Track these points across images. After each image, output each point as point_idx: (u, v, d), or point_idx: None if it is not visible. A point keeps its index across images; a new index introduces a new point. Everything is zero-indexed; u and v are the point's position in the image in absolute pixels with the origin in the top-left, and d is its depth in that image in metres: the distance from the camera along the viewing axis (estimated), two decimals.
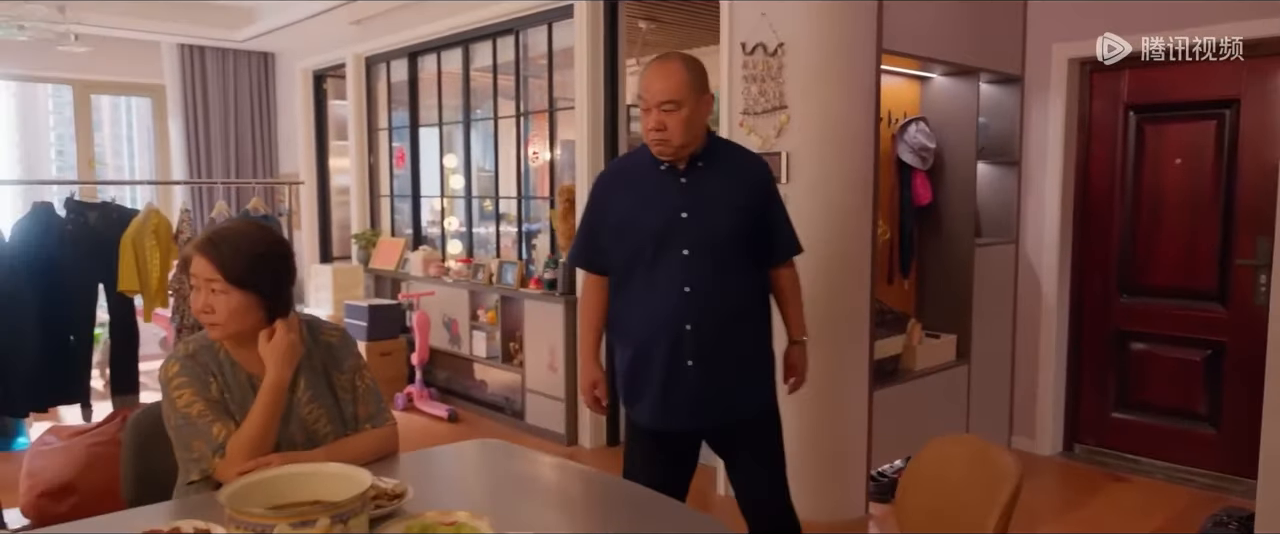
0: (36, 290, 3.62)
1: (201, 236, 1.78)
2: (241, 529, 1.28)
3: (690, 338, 2.22)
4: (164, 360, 1.80)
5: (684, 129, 2.16)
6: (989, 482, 1.72)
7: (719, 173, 2.28)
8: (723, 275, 2.25)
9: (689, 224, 2.22)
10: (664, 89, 2.14)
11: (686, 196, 2.23)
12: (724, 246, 2.25)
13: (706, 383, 2.26)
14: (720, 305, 2.25)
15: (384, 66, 6.04)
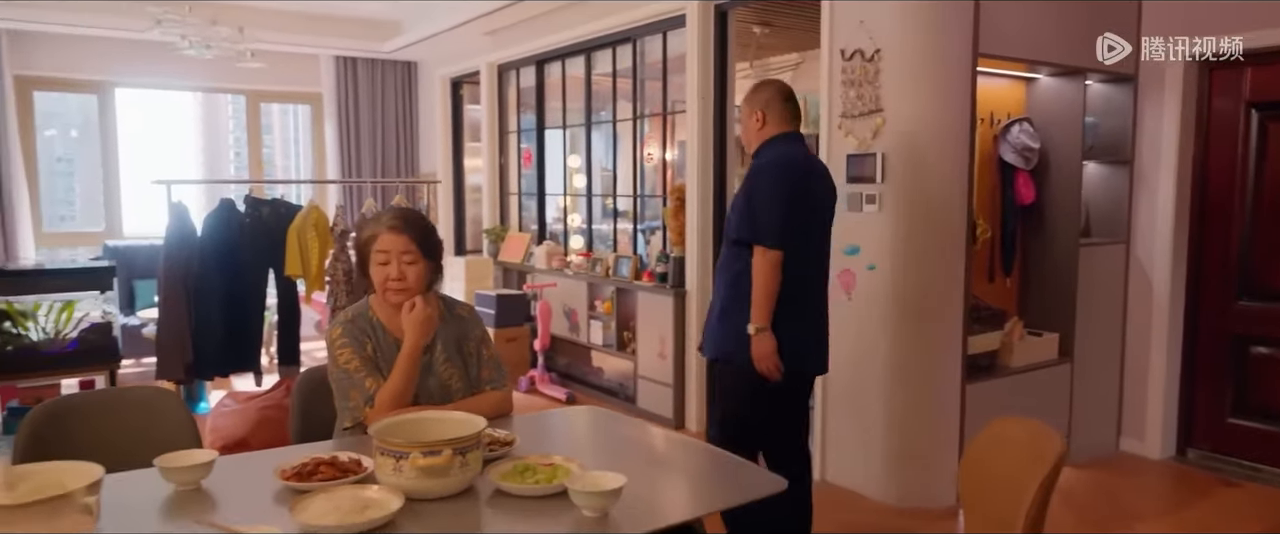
0: (221, 274, 4.22)
1: (391, 219, 2.15)
2: (385, 456, 1.63)
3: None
4: (329, 325, 2.20)
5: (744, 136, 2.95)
6: (1034, 459, 1.87)
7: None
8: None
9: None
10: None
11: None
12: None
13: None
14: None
15: (514, 73, 6.49)
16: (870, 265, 3.60)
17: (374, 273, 2.15)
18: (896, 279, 3.53)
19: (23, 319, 3.58)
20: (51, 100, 6.90)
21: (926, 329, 3.52)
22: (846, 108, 3.65)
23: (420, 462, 1.60)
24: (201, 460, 1.73)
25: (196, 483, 1.72)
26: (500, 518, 1.60)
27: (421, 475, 1.60)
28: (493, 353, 2.28)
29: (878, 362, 3.61)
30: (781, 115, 2.83)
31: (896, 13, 3.46)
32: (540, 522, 1.57)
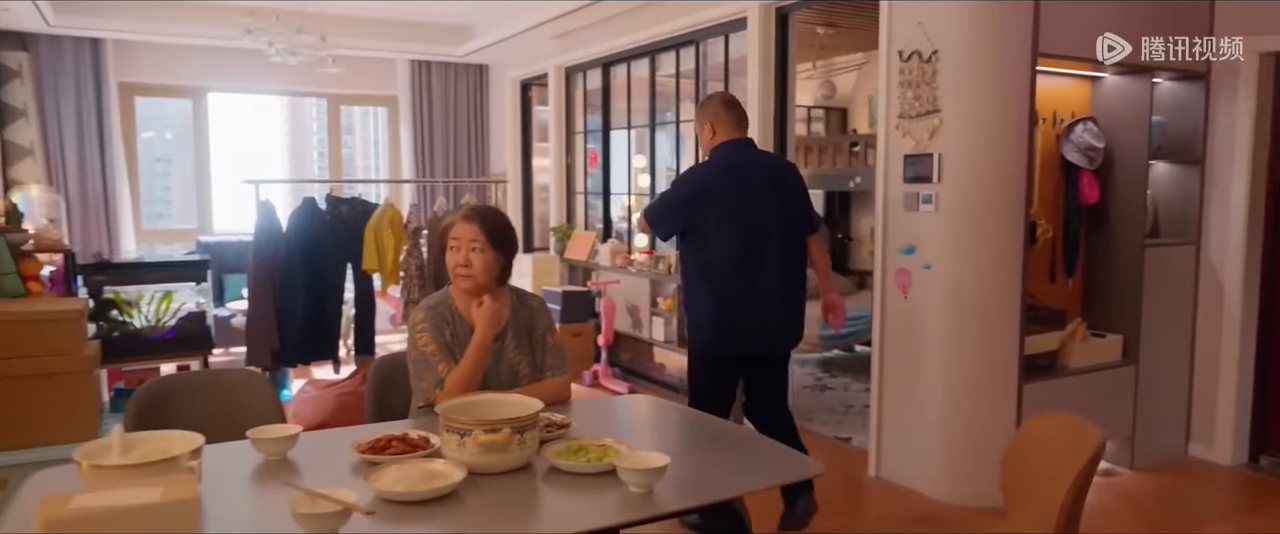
0: (303, 268, 4.49)
1: (466, 210, 2.33)
2: (451, 432, 1.77)
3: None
4: (413, 310, 2.37)
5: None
6: (1071, 452, 1.92)
7: None
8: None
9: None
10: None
11: None
12: None
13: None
14: None
15: (581, 76, 6.66)
16: (926, 264, 3.63)
17: (448, 259, 2.31)
18: (952, 278, 3.56)
19: (128, 308, 3.88)
20: (151, 104, 7.35)
21: (982, 328, 3.54)
22: (904, 108, 3.68)
23: (482, 438, 1.74)
24: (288, 433, 1.91)
25: (283, 454, 1.90)
26: (554, 492, 1.74)
27: (483, 451, 1.74)
28: (557, 342, 2.43)
29: (933, 360, 3.64)
30: (727, 123, 3.19)
31: (955, 13, 3.49)
32: (590, 496, 1.70)
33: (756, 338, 3.16)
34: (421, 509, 1.60)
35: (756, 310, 3.12)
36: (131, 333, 3.77)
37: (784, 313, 3.20)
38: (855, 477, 3.99)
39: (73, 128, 6.52)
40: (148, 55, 6.91)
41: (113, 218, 6.68)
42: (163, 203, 7.61)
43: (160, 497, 1.38)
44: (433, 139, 7.93)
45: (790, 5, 4.53)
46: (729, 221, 3.10)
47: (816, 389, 5.72)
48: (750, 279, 3.10)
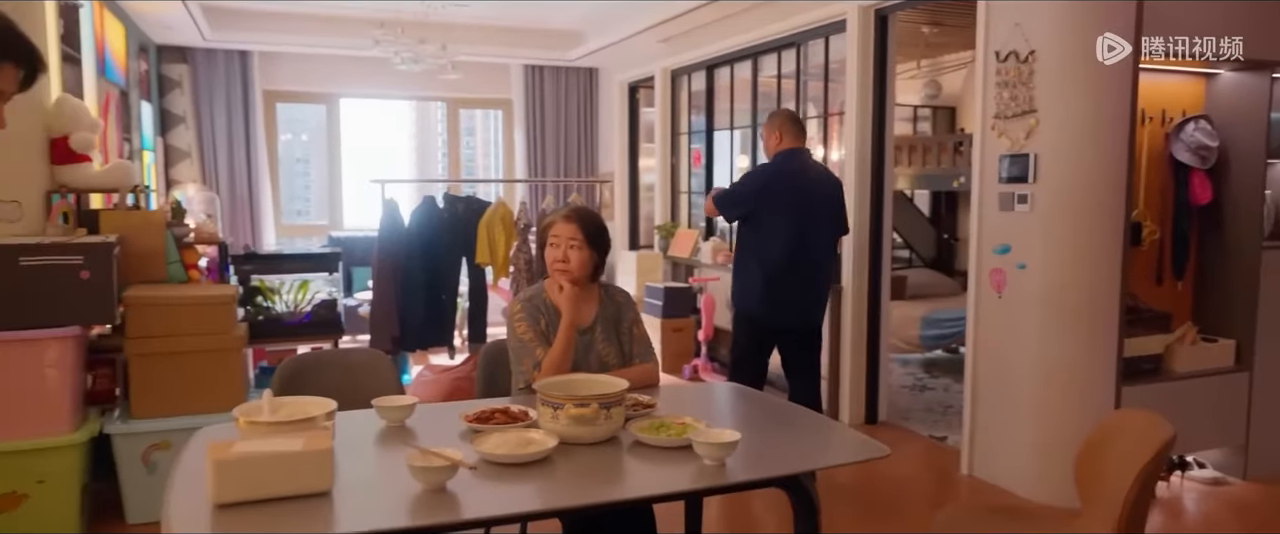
0: (422, 261, 4.85)
1: (567, 210, 2.55)
2: (546, 406, 1.99)
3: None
4: (510, 303, 2.61)
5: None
6: (1141, 448, 1.96)
7: None
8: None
9: None
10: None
11: None
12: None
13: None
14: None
15: (686, 78, 6.84)
16: (1020, 264, 3.63)
17: (547, 255, 2.53)
18: (1047, 278, 3.55)
19: (271, 294, 4.31)
20: (290, 110, 7.99)
21: (1078, 329, 3.52)
22: (1000, 109, 3.69)
23: (572, 411, 1.94)
24: (407, 403, 2.18)
25: (402, 421, 2.16)
26: (636, 462, 1.92)
27: (573, 423, 1.94)
28: (642, 332, 2.62)
29: (1027, 360, 3.64)
30: (791, 134, 3.83)
31: (1053, 13, 3.48)
32: (668, 467, 1.87)
33: (794, 312, 3.82)
34: (518, 470, 1.82)
35: (795, 289, 3.78)
36: (273, 317, 4.19)
37: (816, 294, 3.89)
38: (946, 474, 4.02)
39: (224, 132, 7.18)
40: (288, 65, 7.52)
41: (256, 214, 7.31)
42: (303, 200, 8.25)
43: (302, 446, 1.65)
44: (544, 140, 8.27)
45: (890, 6, 4.58)
46: (783, 214, 3.71)
47: (916, 389, 5.71)
48: (794, 263, 3.73)
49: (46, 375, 3.12)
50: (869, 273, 4.78)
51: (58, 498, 3.15)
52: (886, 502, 3.74)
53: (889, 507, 3.69)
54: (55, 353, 3.13)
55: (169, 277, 3.63)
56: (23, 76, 1.44)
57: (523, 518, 1.98)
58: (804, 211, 3.73)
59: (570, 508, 1.91)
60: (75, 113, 3.71)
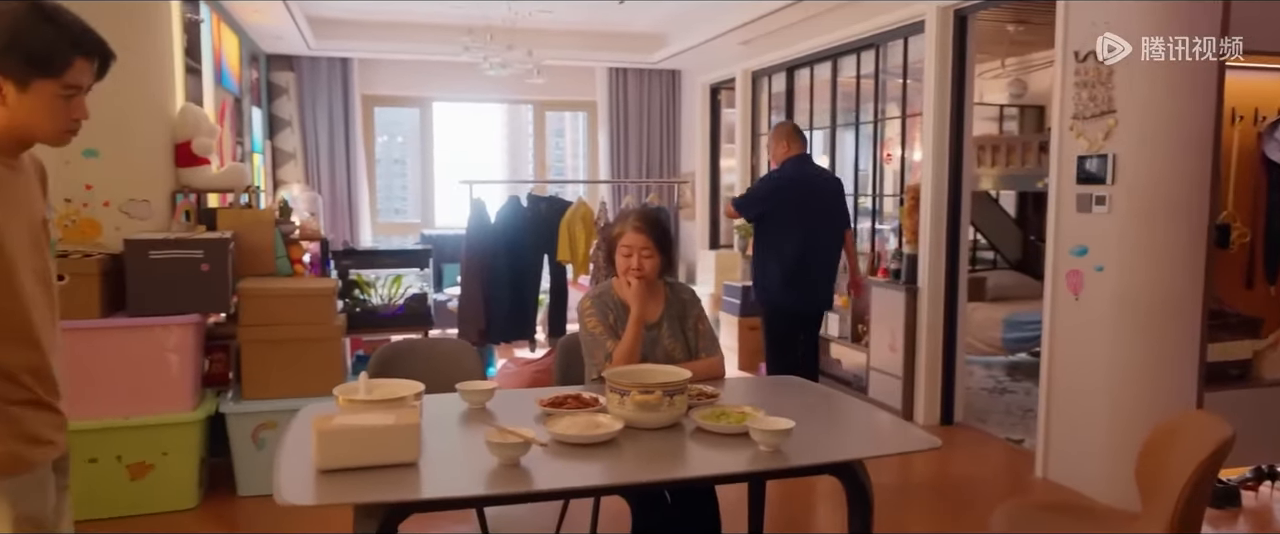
0: (507, 258, 5.08)
1: (636, 221, 2.66)
2: (613, 392, 2.13)
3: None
4: (580, 299, 2.77)
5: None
6: (1198, 449, 1.97)
7: None
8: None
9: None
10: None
11: None
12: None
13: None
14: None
15: (766, 79, 6.90)
16: (1098, 266, 3.60)
17: (619, 262, 2.67)
18: (1126, 281, 3.51)
19: (367, 288, 4.60)
20: (386, 113, 8.39)
21: (1157, 333, 3.47)
22: (1078, 109, 3.67)
23: (638, 398, 2.09)
24: (488, 387, 2.36)
25: (482, 404, 2.34)
26: (697, 447, 2.05)
27: (638, 409, 2.09)
28: (707, 327, 2.74)
29: (1104, 363, 3.60)
30: (797, 143, 4.37)
31: (1135, 13, 3.44)
32: (726, 451, 2.00)
33: (807, 297, 4.33)
34: (586, 450, 1.97)
35: (807, 277, 4.27)
36: (369, 309, 4.47)
37: (826, 280, 4.39)
38: (1020, 477, 4.00)
39: (325, 135, 7.61)
40: (384, 71, 7.91)
41: (355, 212, 7.73)
42: (400, 200, 8.65)
43: (393, 420, 1.84)
44: (627, 141, 8.46)
45: (970, 6, 4.56)
46: (794, 213, 4.23)
47: (996, 392, 5.65)
48: (804, 255, 4.22)
49: (169, 359, 3.45)
50: (945, 274, 4.77)
51: (179, 469, 3.48)
52: (956, 502, 3.76)
53: (958, 507, 3.71)
54: (177, 338, 3.45)
55: (277, 270, 3.93)
56: (97, 68, 1.62)
57: (588, 492, 2.14)
58: (812, 210, 4.27)
59: (632, 484, 2.05)
60: (196, 120, 4.06)
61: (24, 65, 1.51)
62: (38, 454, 1.59)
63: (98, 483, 3.36)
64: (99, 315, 3.33)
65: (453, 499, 1.79)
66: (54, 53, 1.53)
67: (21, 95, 1.52)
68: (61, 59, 1.53)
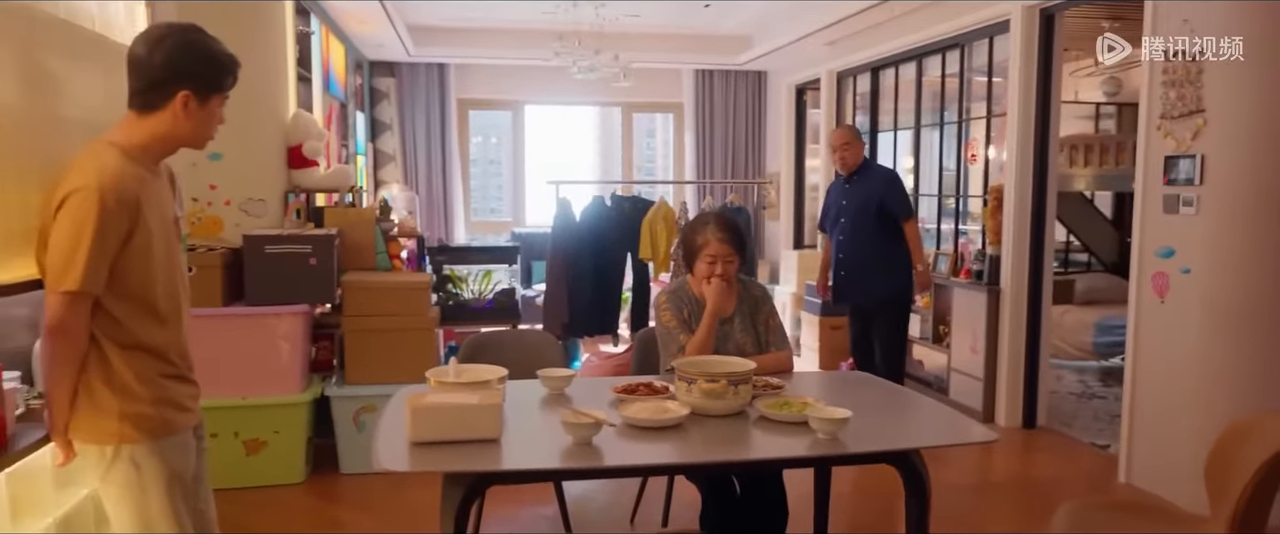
0: (591, 255, 5.27)
1: (720, 231, 2.76)
2: (682, 380, 2.27)
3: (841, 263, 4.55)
4: (657, 294, 2.92)
5: (853, 159, 4.53)
6: (1266, 445, 1.97)
7: (863, 182, 4.51)
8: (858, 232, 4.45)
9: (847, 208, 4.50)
10: (841, 138, 4.56)
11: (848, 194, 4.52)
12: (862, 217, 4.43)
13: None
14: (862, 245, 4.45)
15: (851, 79, 6.91)
16: (1184, 268, 3.53)
17: (701, 267, 2.78)
18: (1214, 283, 3.44)
19: (459, 282, 4.86)
20: (481, 116, 8.74)
21: (1247, 336, 3.39)
22: (1166, 109, 3.60)
23: (704, 386, 2.22)
24: (566, 374, 2.53)
25: (561, 390, 2.51)
26: (759, 433, 2.17)
27: (704, 396, 2.22)
28: (777, 323, 2.85)
29: (1190, 367, 3.53)
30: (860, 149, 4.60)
31: (1225, 12, 3.37)
32: (786, 438, 2.11)
33: (846, 291, 4.57)
34: (655, 433, 2.11)
35: (840, 271, 4.55)
36: (461, 302, 4.73)
37: (860, 274, 4.50)
38: (1102, 482, 3.95)
39: (423, 137, 7.99)
40: (478, 75, 8.24)
41: (449, 210, 8.08)
42: (496, 199, 8.99)
43: (477, 400, 2.02)
44: (713, 141, 8.57)
45: (1057, 5, 4.50)
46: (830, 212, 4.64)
47: (1084, 397, 5.53)
48: (837, 249, 4.58)
49: (281, 345, 3.75)
50: (1029, 275, 4.72)
51: (289, 447, 3.78)
52: (1033, 505, 3.74)
53: (1034, 510, 3.69)
54: (288, 326, 3.75)
55: (377, 265, 4.22)
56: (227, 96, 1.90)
57: (653, 470, 2.28)
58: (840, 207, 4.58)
59: (694, 464, 2.18)
60: (307, 125, 4.38)
61: (209, 84, 1.80)
62: (182, 420, 1.85)
63: (218, 456, 3.65)
64: (221, 304, 3.65)
65: (529, 472, 1.96)
66: (226, 73, 1.83)
67: (200, 108, 1.80)
68: (230, 78, 1.84)
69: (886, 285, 4.43)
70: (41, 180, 1.76)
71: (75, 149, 1.83)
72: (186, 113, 1.79)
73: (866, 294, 4.49)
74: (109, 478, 1.78)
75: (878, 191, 4.42)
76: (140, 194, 1.74)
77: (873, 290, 4.45)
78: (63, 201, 1.67)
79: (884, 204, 4.39)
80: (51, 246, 1.67)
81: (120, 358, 1.75)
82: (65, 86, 1.92)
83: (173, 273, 1.87)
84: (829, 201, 4.74)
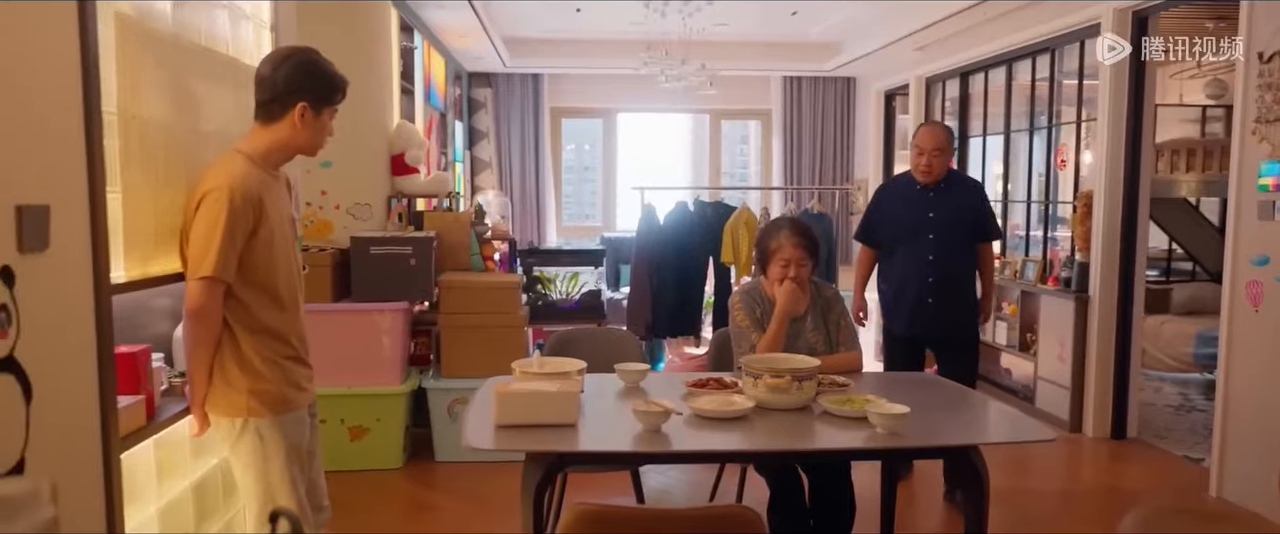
0: (674, 258, 5.43)
1: (794, 236, 2.88)
2: (748, 375, 2.39)
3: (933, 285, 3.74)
4: (732, 294, 3.05)
5: (940, 168, 3.73)
6: None
7: (952, 193, 3.79)
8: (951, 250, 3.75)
9: (935, 221, 3.74)
10: (935, 140, 3.73)
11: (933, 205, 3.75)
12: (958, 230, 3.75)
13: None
14: (957, 267, 3.76)
15: (940, 85, 6.86)
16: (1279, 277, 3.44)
17: (774, 271, 2.88)
18: None
19: (548, 283, 5.10)
20: (575, 124, 9.02)
21: None
22: (1261, 113, 3.52)
23: (769, 381, 2.34)
24: (642, 369, 2.69)
25: (637, 383, 2.67)
26: (821, 426, 2.27)
27: (769, 391, 2.34)
28: (848, 323, 2.95)
29: None
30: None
31: None
32: (847, 431, 2.21)
33: (908, 319, 3.81)
34: (721, 423, 2.25)
35: (906, 297, 3.81)
36: (549, 302, 4.96)
37: (929, 302, 3.76)
38: (1191, 495, 3.85)
39: (517, 145, 8.32)
40: (570, 84, 8.52)
41: (542, 215, 8.39)
42: (590, 205, 9.26)
43: (557, 388, 2.20)
44: (800, 147, 8.61)
45: (1150, 6, 4.41)
46: (887, 227, 3.91)
47: (1182, 409, 5.36)
48: (901, 270, 3.85)
49: (382, 340, 4.04)
50: (1120, 283, 4.62)
51: (388, 434, 4.06)
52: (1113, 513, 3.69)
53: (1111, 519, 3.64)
54: (389, 322, 4.04)
55: (471, 266, 4.48)
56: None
57: (717, 457, 2.41)
58: (911, 221, 3.84)
59: (755, 452, 2.30)
60: (409, 135, 4.69)
61: (322, 97, 2.06)
62: (300, 398, 2.10)
63: (324, 441, 3.93)
64: (330, 300, 3.97)
65: (601, 453, 2.12)
66: (335, 89, 2.08)
67: (314, 118, 2.06)
68: (340, 92, 2.09)
69: (971, 313, 3.84)
70: (185, 186, 2.04)
71: (211, 158, 2.10)
72: (303, 122, 2.04)
73: (952, 323, 3.74)
74: (237, 447, 2.04)
75: (972, 205, 3.81)
76: (263, 195, 1.99)
77: (960, 318, 3.77)
78: (200, 202, 1.94)
79: (979, 220, 3.81)
80: (191, 240, 1.94)
81: (249, 341, 2.00)
82: (204, 104, 2.19)
83: (291, 265, 2.12)
84: (895, 212, 3.85)
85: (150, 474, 2.06)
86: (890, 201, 3.95)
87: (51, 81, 1.53)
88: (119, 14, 1.82)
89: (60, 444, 1.53)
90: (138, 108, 1.88)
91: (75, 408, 1.60)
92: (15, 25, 1.42)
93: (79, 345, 1.61)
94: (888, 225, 3.87)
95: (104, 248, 1.67)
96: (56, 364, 1.52)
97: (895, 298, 3.84)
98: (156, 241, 1.96)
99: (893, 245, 3.84)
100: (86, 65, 1.60)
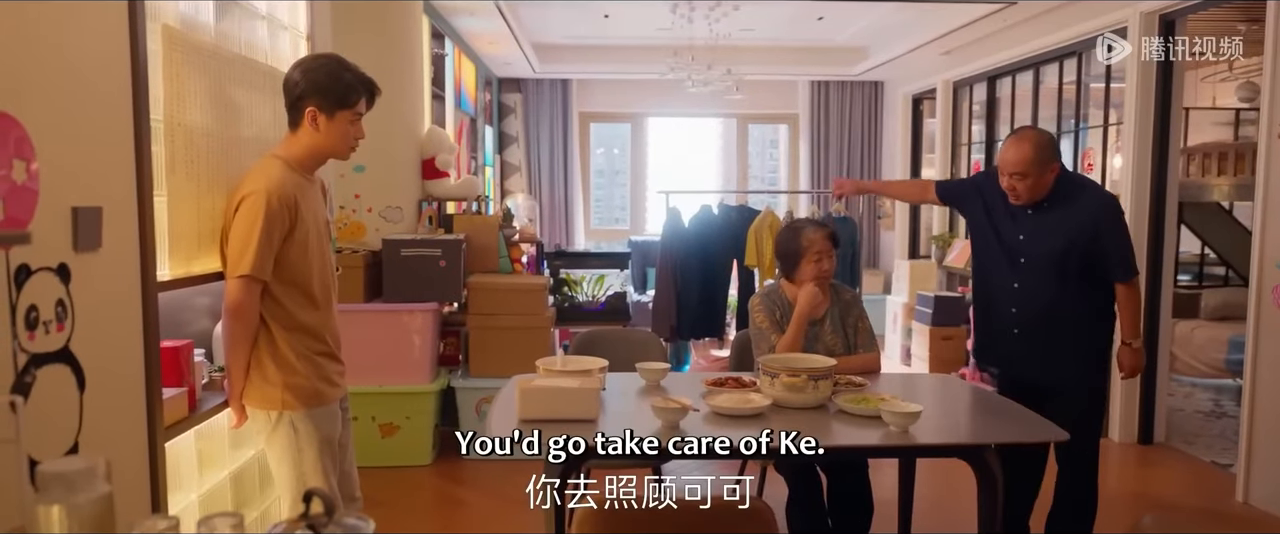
0: (698, 260, 5.48)
1: (814, 225, 2.97)
2: (765, 374, 2.45)
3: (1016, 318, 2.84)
4: (753, 296, 3.10)
5: (1028, 192, 2.72)
6: None
7: (1055, 214, 2.76)
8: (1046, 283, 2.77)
9: (1025, 245, 2.81)
10: (1015, 162, 2.69)
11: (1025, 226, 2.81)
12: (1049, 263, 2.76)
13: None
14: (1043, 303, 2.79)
15: (968, 89, 6.85)
16: None
17: (808, 268, 2.92)
18: None
19: (574, 285, 5.18)
20: (603, 128, 9.12)
21: None
22: None
23: (785, 379, 2.39)
24: (661, 368, 2.75)
25: (657, 381, 2.73)
26: (836, 424, 2.32)
27: (785, 389, 2.39)
28: (867, 326, 2.99)
29: None
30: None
31: None
32: (861, 429, 2.26)
33: (996, 357, 3.03)
34: (738, 420, 2.30)
35: (994, 330, 2.99)
36: (575, 304, 5.03)
37: (1024, 339, 2.87)
38: (1217, 500, 3.83)
39: (546, 149, 8.43)
40: (598, 89, 8.62)
41: (570, 218, 8.49)
42: (620, 209, 9.35)
43: (577, 384, 2.27)
44: (828, 151, 8.63)
45: (1178, 9, 4.39)
46: (976, 241, 3.10)
47: (1213, 415, 5.32)
48: (985, 296, 3.08)
49: (413, 339, 4.14)
50: (1147, 288, 4.60)
51: (418, 432, 4.16)
52: (1135, 516, 3.68)
53: (1132, 522, 3.63)
54: (419, 322, 4.14)
55: (500, 268, 4.57)
56: (370, 101, 2.19)
57: (733, 453, 2.44)
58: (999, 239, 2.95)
59: None
60: (439, 139, 4.80)
61: (331, 101, 2.11)
62: (332, 393, 2.19)
63: (357, 437, 4.05)
64: (362, 300, 4.08)
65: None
66: (350, 92, 2.13)
67: (328, 122, 2.12)
68: (354, 95, 2.14)
69: (1080, 363, 2.80)
70: (226, 189, 2.14)
71: (250, 163, 2.20)
72: (315, 126, 2.11)
73: (1049, 367, 2.78)
74: (272, 439, 2.14)
75: (1087, 233, 2.71)
76: (299, 198, 2.09)
77: (1061, 364, 2.77)
78: (239, 204, 2.04)
79: (1094, 253, 2.72)
80: (230, 241, 2.04)
81: (284, 338, 2.09)
82: (244, 111, 2.30)
83: (325, 265, 2.21)
84: (977, 215, 2.96)
85: (192, 464, 2.17)
86: (986, 195, 2.91)
87: (104, 92, 1.64)
88: (166, 27, 1.93)
89: (110, 431, 1.63)
90: (182, 116, 1.99)
91: (124, 397, 1.70)
92: (71, 41, 1.53)
93: (127, 339, 1.72)
94: (971, 226, 3.07)
95: (151, 248, 1.78)
96: (107, 356, 1.62)
97: (981, 318, 3.07)
98: (199, 242, 2.07)
99: (976, 254, 3.04)
100: (136, 76, 1.71)
